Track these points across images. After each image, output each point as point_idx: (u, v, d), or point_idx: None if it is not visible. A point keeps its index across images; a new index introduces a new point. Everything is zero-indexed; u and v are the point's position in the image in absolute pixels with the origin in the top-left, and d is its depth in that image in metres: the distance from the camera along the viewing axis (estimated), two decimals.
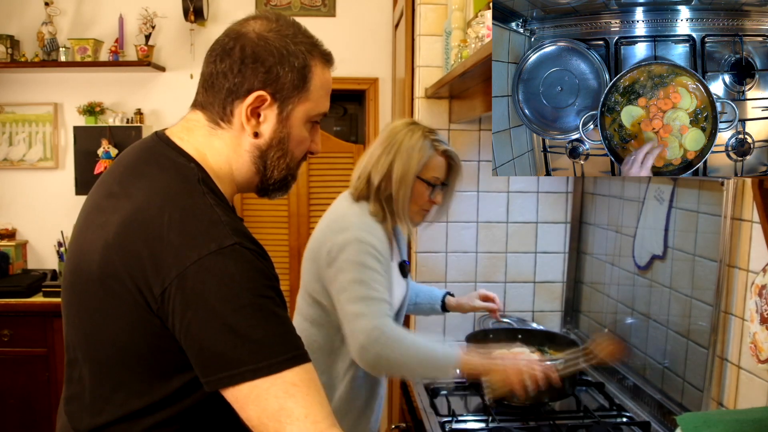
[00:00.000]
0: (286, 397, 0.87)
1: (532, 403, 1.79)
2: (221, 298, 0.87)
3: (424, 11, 2.39)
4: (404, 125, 1.70)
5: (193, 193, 0.96)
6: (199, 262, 0.88)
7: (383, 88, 3.47)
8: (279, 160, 1.06)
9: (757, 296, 1.32)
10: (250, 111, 1.01)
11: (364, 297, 1.55)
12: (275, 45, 1.01)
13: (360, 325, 1.53)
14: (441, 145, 1.69)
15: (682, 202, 1.70)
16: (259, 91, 1.00)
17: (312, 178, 3.57)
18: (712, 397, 1.51)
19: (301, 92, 1.03)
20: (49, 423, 3.14)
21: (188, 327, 0.88)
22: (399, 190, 1.64)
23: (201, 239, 0.90)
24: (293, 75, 1.01)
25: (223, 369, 0.87)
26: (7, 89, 3.46)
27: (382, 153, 1.67)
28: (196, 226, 0.91)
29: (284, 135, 1.05)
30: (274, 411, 0.87)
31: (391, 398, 3.17)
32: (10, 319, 3.09)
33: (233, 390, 0.88)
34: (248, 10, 3.40)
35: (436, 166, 1.68)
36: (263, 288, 0.91)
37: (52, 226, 3.39)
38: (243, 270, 0.89)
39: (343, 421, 1.60)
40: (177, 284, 0.88)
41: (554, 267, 2.47)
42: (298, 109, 1.04)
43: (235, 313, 0.87)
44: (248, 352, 0.87)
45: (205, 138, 1.04)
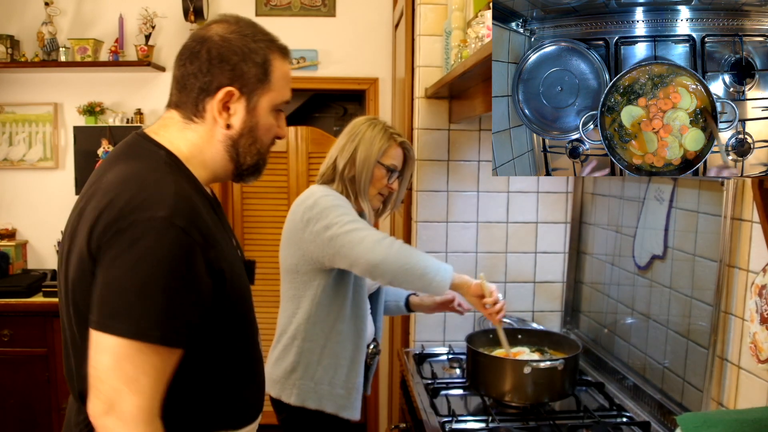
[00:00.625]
0: (142, 372, 0.99)
1: (532, 403, 1.80)
2: (130, 257, 0.99)
3: (424, 11, 2.39)
4: (366, 119, 1.94)
5: (157, 170, 1.08)
6: (133, 224, 1.00)
7: (383, 88, 3.47)
8: (250, 147, 1.18)
9: (757, 296, 1.32)
10: (221, 105, 1.13)
11: (354, 220, 1.75)
12: (237, 44, 1.13)
13: (362, 233, 1.70)
14: (399, 138, 1.92)
15: (682, 202, 1.70)
16: (227, 87, 1.12)
17: (312, 178, 3.57)
18: (712, 397, 1.52)
19: (264, 84, 1.15)
20: (49, 423, 3.15)
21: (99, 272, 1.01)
22: (361, 172, 1.86)
23: (143, 207, 1.01)
24: (256, 70, 1.14)
25: (107, 317, 0.99)
26: (7, 89, 3.46)
27: (347, 141, 1.90)
28: (146, 198, 1.02)
29: (253, 124, 1.17)
30: (127, 375, 0.98)
31: (391, 398, 3.17)
32: (10, 319, 3.09)
33: (108, 337, 0.98)
34: (248, 10, 3.41)
35: (394, 154, 1.90)
36: (169, 263, 1.00)
37: (52, 226, 3.38)
38: (160, 243, 0.99)
39: (338, 374, 1.86)
40: (111, 239, 1.00)
41: (554, 267, 2.47)
42: (263, 99, 1.16)
43: (131, 275, 0.99)
44: (136, 315, 0.98)
45: (180, 132, 1.16)
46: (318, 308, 1.87)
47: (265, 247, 3.58)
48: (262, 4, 3.44)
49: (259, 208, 3.64)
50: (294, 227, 1.85)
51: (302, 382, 1.86)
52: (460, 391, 2.00)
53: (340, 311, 1.87)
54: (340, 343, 1.88)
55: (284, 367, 1.88)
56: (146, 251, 0.99)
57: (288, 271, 1.90)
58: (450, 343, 2.41)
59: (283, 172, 3.61)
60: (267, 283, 3.46)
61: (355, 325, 1.91)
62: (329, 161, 1.93)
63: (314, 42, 3.45)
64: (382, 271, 1.68)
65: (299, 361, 1.87)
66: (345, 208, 1.79)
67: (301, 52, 3.43)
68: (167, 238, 1.00)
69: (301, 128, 3.62)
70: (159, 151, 1.13)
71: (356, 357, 1.92)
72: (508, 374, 1.79)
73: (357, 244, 1.69)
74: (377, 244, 1.68)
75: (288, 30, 3.44)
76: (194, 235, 1.03)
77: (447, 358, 2.29)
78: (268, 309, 3.17)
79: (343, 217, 1.75)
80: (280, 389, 1.88)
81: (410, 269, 1.68)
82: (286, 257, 1.90)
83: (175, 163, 1.12)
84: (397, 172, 1.92)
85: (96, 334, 1.01)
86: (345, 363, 1.89)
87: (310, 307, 1.87)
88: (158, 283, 0.99)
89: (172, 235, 1.00)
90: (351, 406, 1.89)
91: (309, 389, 1.86)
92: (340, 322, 1.88)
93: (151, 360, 1.00)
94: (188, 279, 1.02)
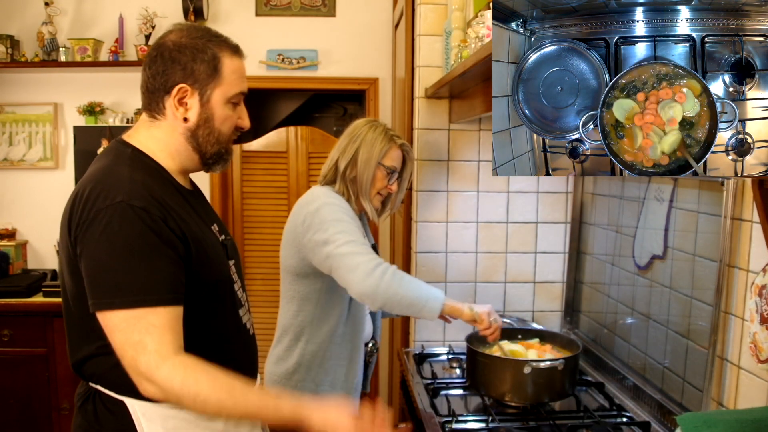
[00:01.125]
0: (146, 333, 1.12)
1: (532, 403, 1.80)
2: (103, 242, 1.14)
3: (424, 11, 2.39)
4: (367, 122, 1.96)
5: (119, 164, 1.24)
6: (98, 213, 1.15)
7: (383, 88, 3.47)
8: (208, 137, 1.30)
9: (757, 296, 1.32)
10: (177, 101, 1.27)
11: (351, 241, 1.73)
12: (188, 46, 1.26)
13: (357, 260, 1.69)
14: (398, 140, 1.94)
15: (682, 202, 1.70)
16: (180, 84, 1.26)
17: (312, 178, 3.57)
18: (712, 397, 1.52)
19: (214, 79, 1.27)
20: (49, 423, 3.14)
21: (83, 262, 1.16)
22: (363, 173, 1.89)
23: (103, 197, 1.16)
24: (205, 66, 1.26)
25: (102, 297, 1.14)
26: (7, 89, 3.46)
27: (348, 143, 1.92)
28: (104, 188, 1.17)
29: (208, 115, 1.29)
30: (134, 342, 1.12)
31: (391, 398, 3.17)
32: (10, 319, 3.09)
33: (109, 315, 1.14)
34: (248, 10, 3.42)
35: (394, 156, 1.93)
36: (137, 237, 1.14)
37: (52, 226, 3.34)
38: (123, 224, 1.14)
39: (338, 374, 1.90)
40: (84, 230, 1.16)
41: (554, 267, 2.47)
42: (215, 92, 1.28)
43: (110, 258, 1.14)
44: (118, 289, 1.13)
45: (147, 131, 1.31)
46: (321, 310, 1.88)
47: (265, 247, 3.58)
48: (262, 4, 3.44)
49: (259, 208, 3.64)
50: (295, 229, 1.86)
51: (304, 384, 1.87)
52: (460, 391, 2.00)
53: (341, 313, 1.89)
54: (341, 344, 1.90)
55: (286, 368, 1.88)
56: (117, 232, 1.14)
57: (288, 271, 1.91)
58: (450, 343, 2.41)
59: (283, 172, 3.61)
60: (267, 282, 3.47)
61: (354, 326, 1.92)
62: (330, 162, 1.95)
63: (314, 42, 3.45)
64: (372, 300, 1.68)
65: (301, 363, 1.87)
66: (345, 223, 1.77)
67: (301, 52, 3.43)
68: (130, 217, 1.14)
69: (301, 128, 3.62)
70: (126, 149, 1.29)
71: (355, 357, 1.93)
72: (508, 374, 1.79)
73: (350, 270, 1.69)
74: (368, 276, 1.66)
75: (288, 30, 3.44)
76: (153, 210, 1.17)
77: (447, 358, 2.29)
78: (268, 308, 3.17)
79: (341, 236, 1.73)
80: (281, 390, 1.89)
81: (400, 300, 1.68)
82: (287, 257, 1.91)
83: (138, 158, 1.27)
84: (396, 173, 1.95)
85: (99, 316, 1.15)
86: (345, 363, 1.91)
87: (313, 308, 1.88)
88: (137, 255, 1.14)
89: (132, 214, 1.15)
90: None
91: (310, 391, 1.86)
92: (341, 323, 1.89)
93: (154, 322, 1.13)
94: (160, 243, 1.16)
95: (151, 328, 1.12)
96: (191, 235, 1.23)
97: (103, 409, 1.23)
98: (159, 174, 1.28)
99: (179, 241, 1.19)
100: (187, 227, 1.23)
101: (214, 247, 1.31)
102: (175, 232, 1.19)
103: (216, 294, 1.30)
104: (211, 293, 1.28)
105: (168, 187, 1.27)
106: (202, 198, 1.44)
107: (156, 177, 1.26)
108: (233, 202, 3.61)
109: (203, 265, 1.25)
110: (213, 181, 3.46)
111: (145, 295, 1.13)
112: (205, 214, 1.38)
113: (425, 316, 1.73)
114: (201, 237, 1.26)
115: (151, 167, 1.28)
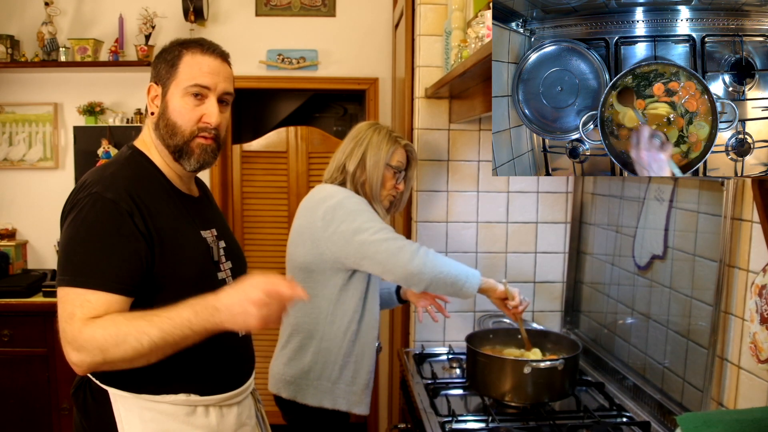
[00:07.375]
0: (78, 306, 1.19)
1: (532, 403, 1.80)
2: (72, 227, 1.25)
3: (424, 11, 2.39)
4: (369, 125, 2.02)
5: (113, 163, 1.37)
6: (78, 202, 1.27)
7: (383, 88, 3.47)
8: (167, 127, 1.38)
9: (757, 296, 1.32)
10: (150, 100, 1.41)
11: (385, 228, 1.81)
12: (162, 51, 1.41)
13: (398, 243, 1.78)
14: (402, 140, 2.01)
15: (682, 202, 1.70)
16: (150, 83, 1.41)
17: (312, 178, 3.57)
18: (712, 397, 1.52)
19: (172, 74, 1.37)
20: (49, 423, 3.14)
21: (59, 244, 1.30)
22: (373, 175, 1.94)
23: (84, 189, 1.28)
24: (166, 64, 1.38)
25: (59, 275, 1.25)
26: (7, 89, 3.46)
27: (355, 146, 1.97)
28: (90, 182, 1.29)
29: (164, 107, 1.38)
30: (67, 314, 1.20)
31: (391, 398, 3.17)
32: (10, 319, 3.09)
33: (59, 290, 1.23)
34: (248, 10, 3.42)
35: (400, 156, 1.99)
36: (100, 225, 1.24)
37: (52, 226, 3.34)
38: (90, 212, 1.24)
39: (353, 371, 1.91)
40: (64, 218, 1.29)
41: (554, 267, 2.47)
42: (172, 85, 1.37)
43: (72, 240, 1.25)
44: (71, 268, 1.23)
45: (146, 132, 1.44)
46: (336, 307, 1.89)
47: (265, 247, 3.58)
48: (262, 4, 3.44)
49: (259, 208, 3.64)
50: (311, 225, 1.87)
51: (319, 383, 1.87)
52: (460, 391, 2.00)
53: (355, 310, 1.90)
54: (356, 341, 1.91)
55: (300, 367, 1.89)
56: (83, 218, 1.24)
57: (300, 268, 1.91)
58: (450, 343, 2.41)
59: (283, 172, 3.61)
60: None
61: (368, 324, 1.93)
62: (337, 165, 1.98)
63: (314, 42, 3.45)
64: (419, 279, 1.76)
65: (316, 361, 1.88)
66: (372, 214, 1.85)
67: (301, 52, 3.43)
68: (98, 207, 1.24)
69: (301, 128, 3.62)
70: (127, 151, 1.42)
71: (369, 353, 1.95)
72: (508, 374, 1.79)
73: (395, 253, 1.76)
74: (414, 255, 1.75)
75: (288, 30, 3.44)
76: (123, 204, 1.25)
77: (447, 358, 2.29)
78: None
79: (373, 223, 1.80)
80: (294, 390, 1.89)
81: (444, 278, 1.78)
82: (299, 254, 1.91)
83: (135, 159, 1.39)
84: (403, 172, 2.00)
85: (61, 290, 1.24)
86: (360, 360, 1.92)
87: (328, 306, 1.89)
88: (96, 242, 1.23)
89: (101, 205, 1.24)
90: (363, 402, 1.94)
91: (326, 389, 1.87)
92: (356, 321, 1.90)
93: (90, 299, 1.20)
94: (119, 235, 1.24)
95: (86, 303, 1.19)
96: (160, 233, 1.29)
97: (90, 398, 1.33)
98: (150, 174, 1.38)
99: (142, 237, 1.26)
100: (159, 225, 1.29)
101: (195, 247, 1.38)
102: (139, 227, 1.26)
103: (202, 292, 1.26)
104: (195, 290, 1.26)
105: (156, 187, 1.36)
106: (206, 204, 1.52)
107: (146, 176, 1.36)
108: (233, 202, 3.61)
109: (180, 263, 1.32)
110: (213, 181, 3.47)
111: (91, 277, 1.21)
112: (201, 219, 1.44)
113: (465, 293, 1.82)
114: (174, 235, 1.32)
115: (145, 168, 1.39)
